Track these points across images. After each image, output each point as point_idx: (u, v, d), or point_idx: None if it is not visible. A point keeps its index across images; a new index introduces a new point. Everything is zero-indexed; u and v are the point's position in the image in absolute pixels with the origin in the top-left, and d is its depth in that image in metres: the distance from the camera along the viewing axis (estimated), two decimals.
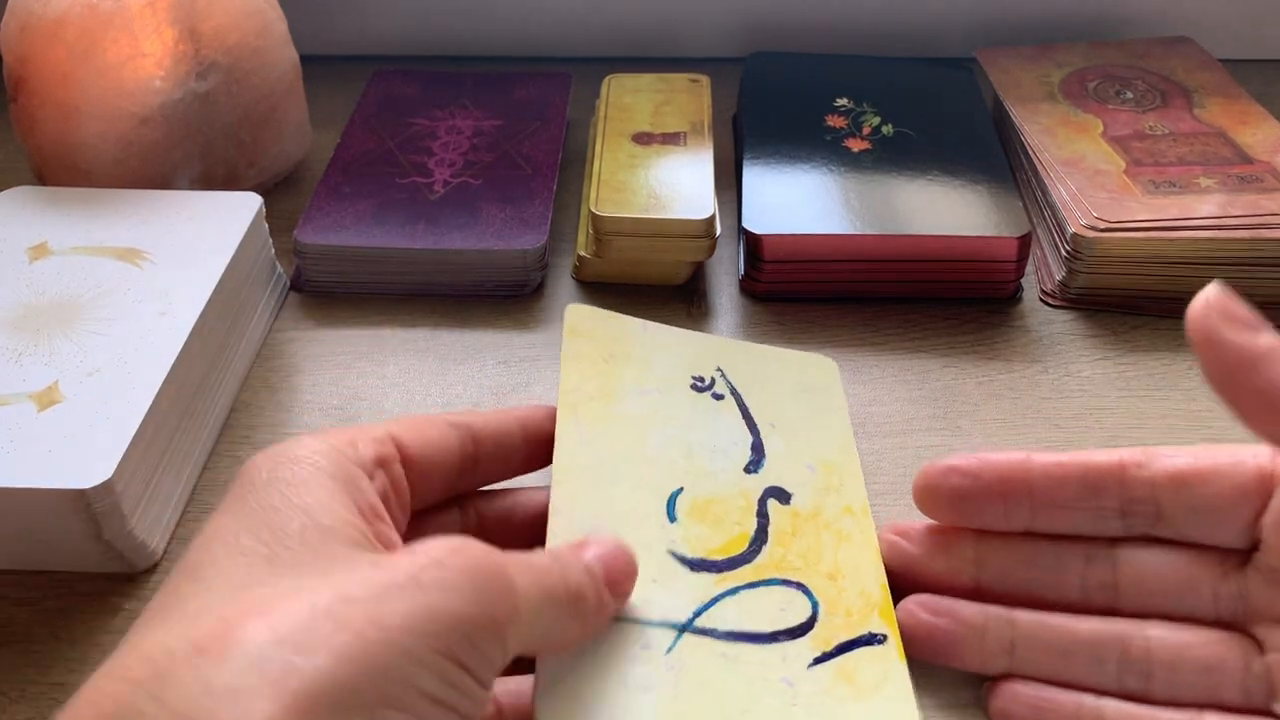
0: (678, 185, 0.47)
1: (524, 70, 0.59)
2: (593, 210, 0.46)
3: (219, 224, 0.43)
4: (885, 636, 0.29)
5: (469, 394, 0.42)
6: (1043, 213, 0.48)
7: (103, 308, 0.39)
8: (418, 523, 0.29)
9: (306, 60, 0.53)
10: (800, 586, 0.30)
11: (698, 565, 0.29)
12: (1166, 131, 0.50)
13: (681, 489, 0.31)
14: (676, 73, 0.55)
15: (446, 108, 0.55)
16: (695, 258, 0.46)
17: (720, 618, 0.28)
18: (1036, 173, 0.49)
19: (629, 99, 0.53)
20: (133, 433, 0.33)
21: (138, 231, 0.42)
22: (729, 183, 0.52)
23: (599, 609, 0.26)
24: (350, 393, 0.42)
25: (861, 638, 0.29)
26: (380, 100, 0.56)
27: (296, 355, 0.44)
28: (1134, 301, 0.45)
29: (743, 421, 0.34)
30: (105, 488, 0.32)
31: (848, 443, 0.35)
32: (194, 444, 0.38)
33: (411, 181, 0.49)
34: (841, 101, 0.53)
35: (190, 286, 0.40)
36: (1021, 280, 0.47)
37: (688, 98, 0.53)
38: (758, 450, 0.33)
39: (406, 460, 0.27)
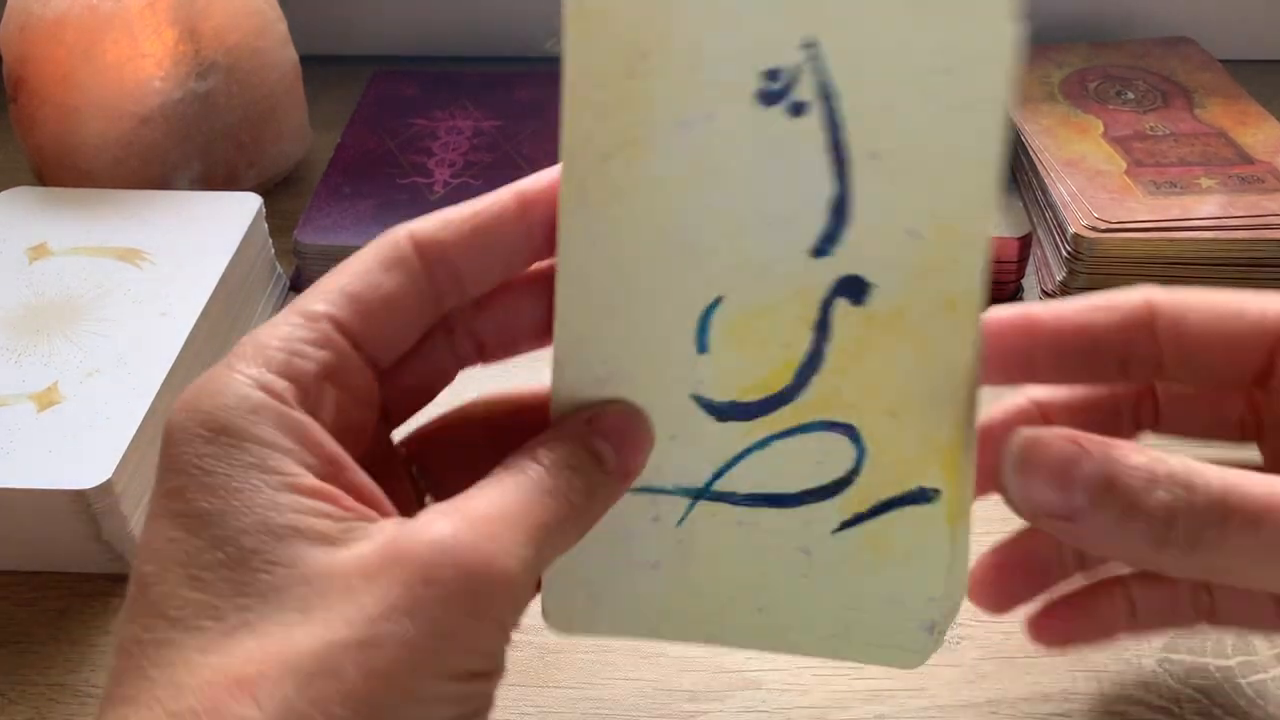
0: None
1: (524, 70, 0.59)
2: None
3: (219, 224, 0.43)
4: (936, 493, 0.23)
5: (468, 394, 0.42)
6: (1043, 213, 0.48)
7: (103, 308, 0.39)
8: (398, 374, 0.24)
9: (306, 60, 0.53)
10: (848, 430, 0.23)
11: (726, 412, 0.23)
12: (1167, 132, 0.50)
13: (720, 299, 0.23)
14: None
15: (446, 108, 0.55)
16: None
17: (743, 477, 0.24)
18: (1037, 173, 0.49)
19: None
20: (132, 433, 0.33)
21: (138, 232, 0.42)
22: None
23: (609, 499, 0.23)
24: None
25: (907, 494, 0.23)
26: (380, 100, 0.56)
27: None
28: None
29: (826, 156, 0.22)
30: (105, 488, 0.32)
31: (985, 184, 0.22)
32: None
33: (411, 182, 0.49)
34: None
35: (190, 287, 0.39)
36: (1022, 281, 0.47)
37: None
38: (838, 213, 0.22)
39: (358, 341, 0.22)
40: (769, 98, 0.22)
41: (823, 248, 0.22)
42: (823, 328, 0.23)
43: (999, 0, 0.21)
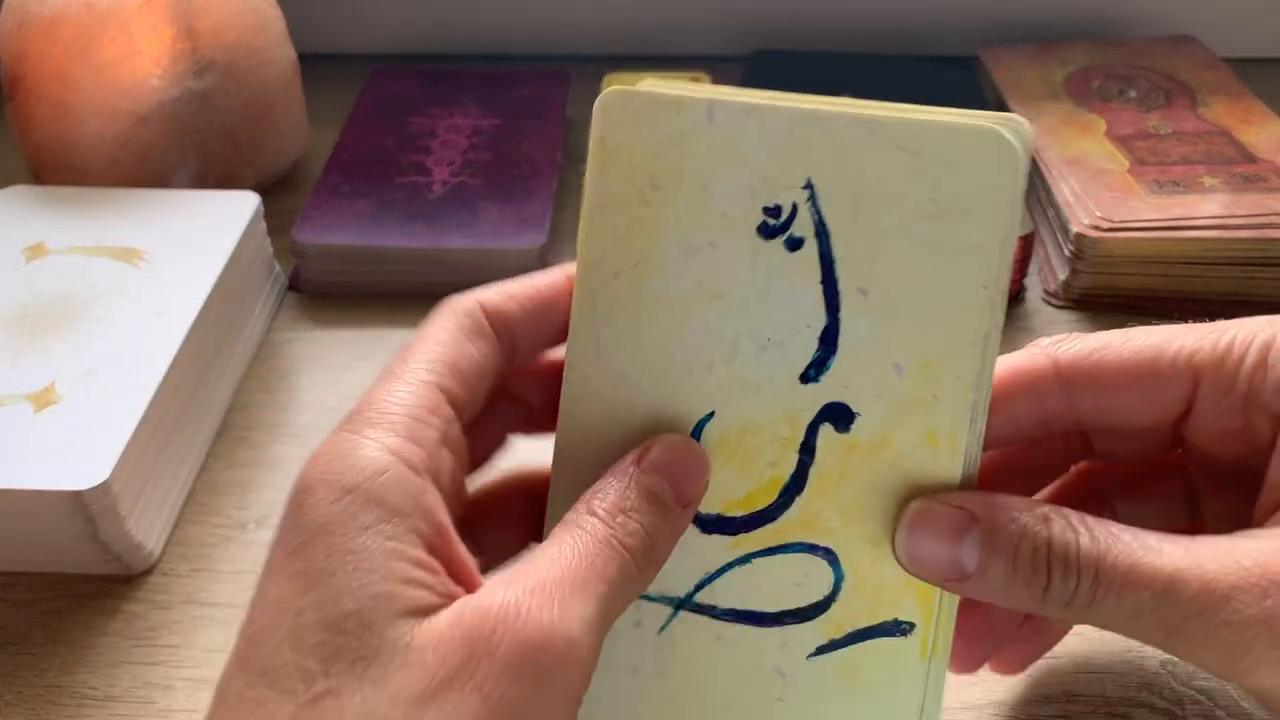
0: None
1: (523, 69, 0.59)
2: None
3: (217, 223, 0.43)
4: (911, 626, 0.24)
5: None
6: (1045, 212, 0.48)
7: (100, 308, 0.38)
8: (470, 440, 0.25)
9: (305, 59, 0.53)
10: (827, 554, 0.24)
11: (712, 525, 0.24)
12: (1170, 131, 0.50)
13: (712, 414, 0.24)
14: (677, 71, 0.55)
15: (445, 107, 0.55)
16: None
17: (724, 591, 0.24)
18: (1039, 172, 0.49)
19: None
20: (130, 434, 0.33)
21: (135, 231, 0.42)
22: None
23: (673, 534, 0.23)
24: (348, 393, 0.42)
25: (881, 625, 0.24)
26: (379, 99, 0.55)
27: (294, 355, 0.44)
28: (1138, 302, 0.45)
29: (819, 287, 0.24)
30: (102, 489, 0.32)
31: (972, 327, 0.23)
32: (191, 445, 0.38)
33: (410, 181, 0.49)
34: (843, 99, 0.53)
35: (188, 286, 0.39)
36: (1025, 280, 0.46)
37: None
38: (828, 342, 0.24)
39: (459, 409, 0.23)
40: (769, 231, 0.24)
41: (811, 374, 0.24)
42: (808, 450, 0.24)
43: (990, 155, 0.22)
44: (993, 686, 0.31)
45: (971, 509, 0.23)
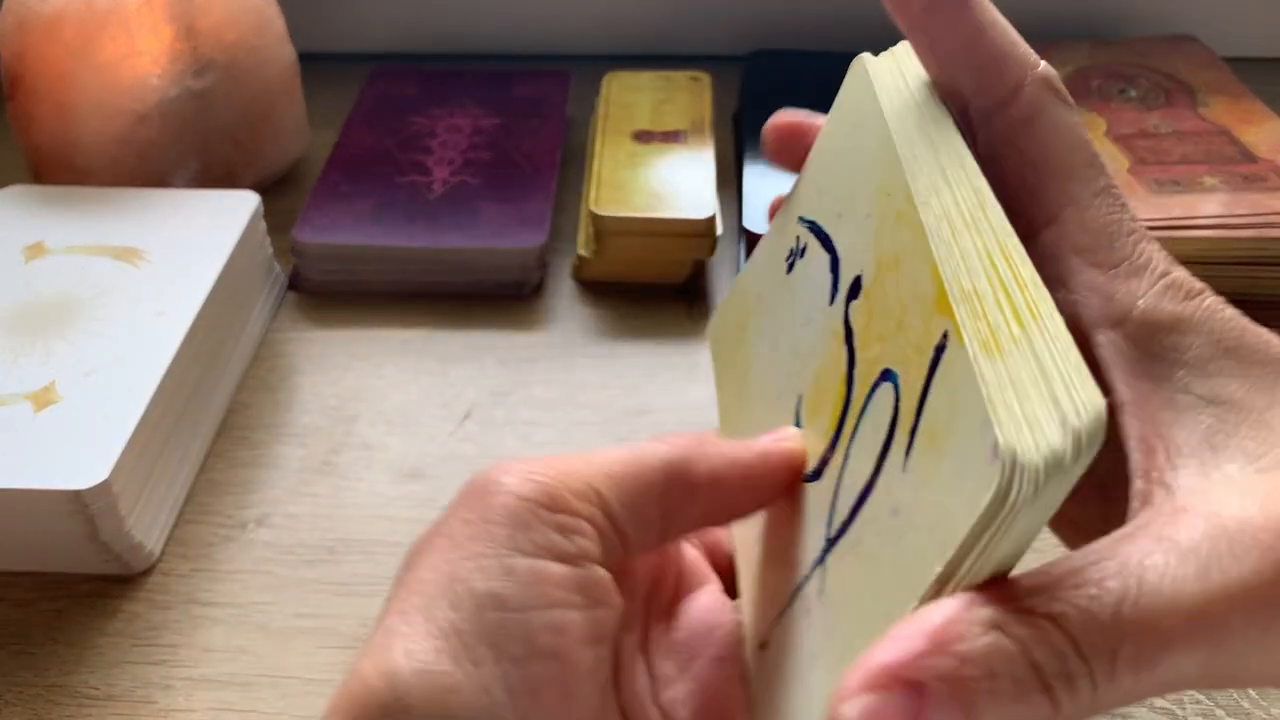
0: (678, 184, 0.47)
1: (523, 69, 0.59)
2: (592, 209, 0.45)
3: (216, 223, 0.43)
4: (945, 336, 0.21)
5: (468, 394, 0.42)
6: None
7: (100, 307, 0.38)
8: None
9: (305, 58, 0.53)
10: (883, 375, 0.23)
11: (819, 469, 0.24)
12: (1170, 130, 0.50)
13: (800, 396, 0.26)
14: (677, 70, 0.55)
15: (445, 106, 0.55)
16: (696, 256, 0.46)
17: (845, 499, 0.23)
18: None
19: (629, 97, 0.53)
20: (129, 433, 0.33)
21: (135, 230, 0.42)
22: (730, 181, 0.52)
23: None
24: (348, 393, 0.42)
25: (931, 364, 0.22)
26: (379, 99, 0.55)
27: (294, 355, 0.44)
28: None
29: (822, 249, 0.28)
30: (102, 489, 0.32)
31: (895, 130, 0.25)
32: (191, 444, 0.38)
33: (410, 180, 0.49)
34: None
35: (187, 286, 0.39)
36: None
37: (688, 96, 0.53)
38: (834, 266, 0.27)
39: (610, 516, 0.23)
40: (791, 265, 0.29)
41: (832, 296, 0.26)
42: (849, 334, 0.25)
43: (856, 73, 0.27)
44: None
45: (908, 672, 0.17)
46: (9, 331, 0.37)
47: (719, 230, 0.46)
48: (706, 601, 0.26)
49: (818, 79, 0.55)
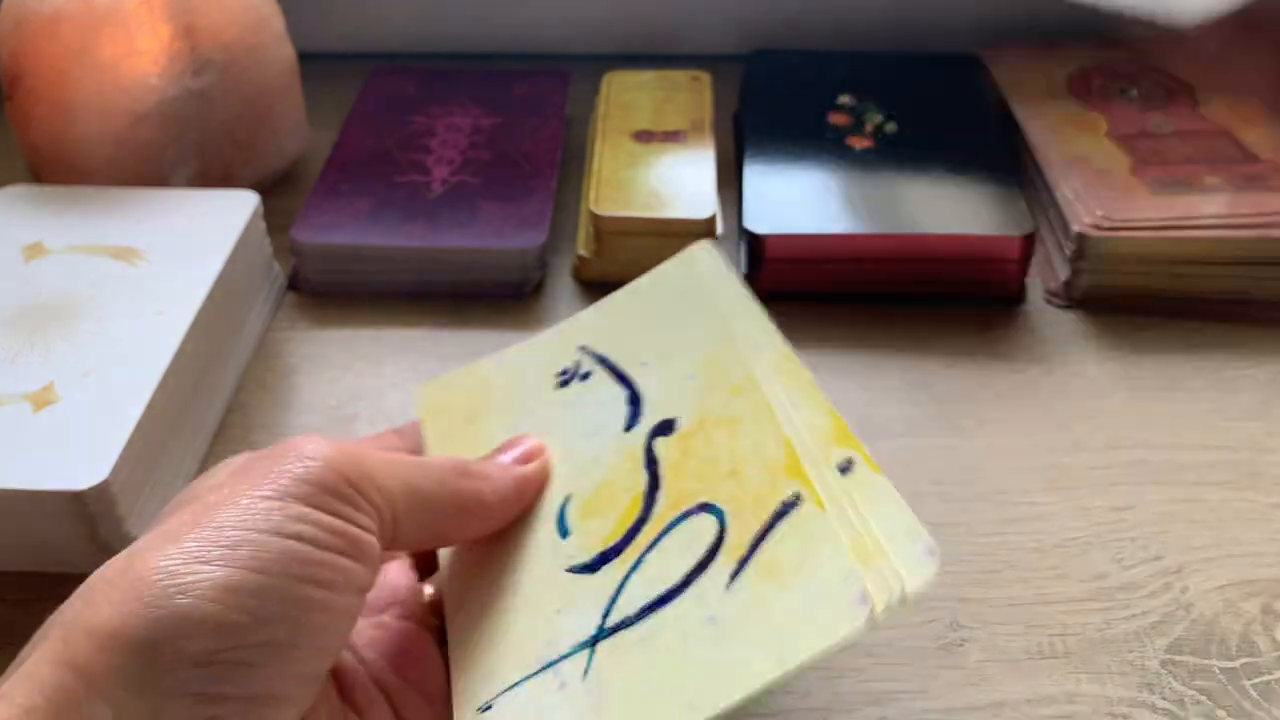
0: (679, 183, 0.47)
1: (522, 68, 0.59)
2: (593, 209, 0.45)
3: (215, 222, 0.43)
4: (797, 495, 0.25)
5: None
6: (1047, 212, 0.48)
7: (99, 307, 0.38)
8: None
9: (304, 58, 0.52)
10: (702, 507, 0.27)
11: (598, 563, 0.27)
12: (1172, 130, 0.50)
13: (569, 497, 0.29)
14: (677, 70, 0.55)
15: (445, 106, 0.55)
16: None
17: (631, 599, 0.26)
18: (1041, 171, 0.49)
19: (629, 96, 0.53)
20: (129, 434, 0.33)
21: (134, 230, 0.42)
22: (730, 181, 0.52)
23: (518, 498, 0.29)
24: (348, 393, 0.42)
25: (775, 514, 0.25)
26: (378, 98, 0.55)
27: (293, 355, 0.44)
28: (1140, 301, 0.45)
29: (615, 382, 0.31)
30: (101, 489, 0.32)
31: (730, 319, 0.31)
32: (190, 445, 0.38)
33: (410, 180, 0.49)
34: (844, 99, 0.53)
35: (187, 286, 0.39)
36: (1026, 280, 0.46)
37: (689, 95, 0.53)
38: (634, 401, 0.30)
39: None
40: (565, 382, 0.32)
41: (630, 424, 0.30)
42: (651, 462, 0.29)
43: (694, 259, 0.34)
44: (995, 687, 0.31)
45: None
46: (8, 331, 0.37)
47: (719, 230, 0.46)
48: (395, 567, 0.31)
49: (818, 79, 0.55)
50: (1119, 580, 0.34)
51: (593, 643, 0.25)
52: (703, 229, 0.45)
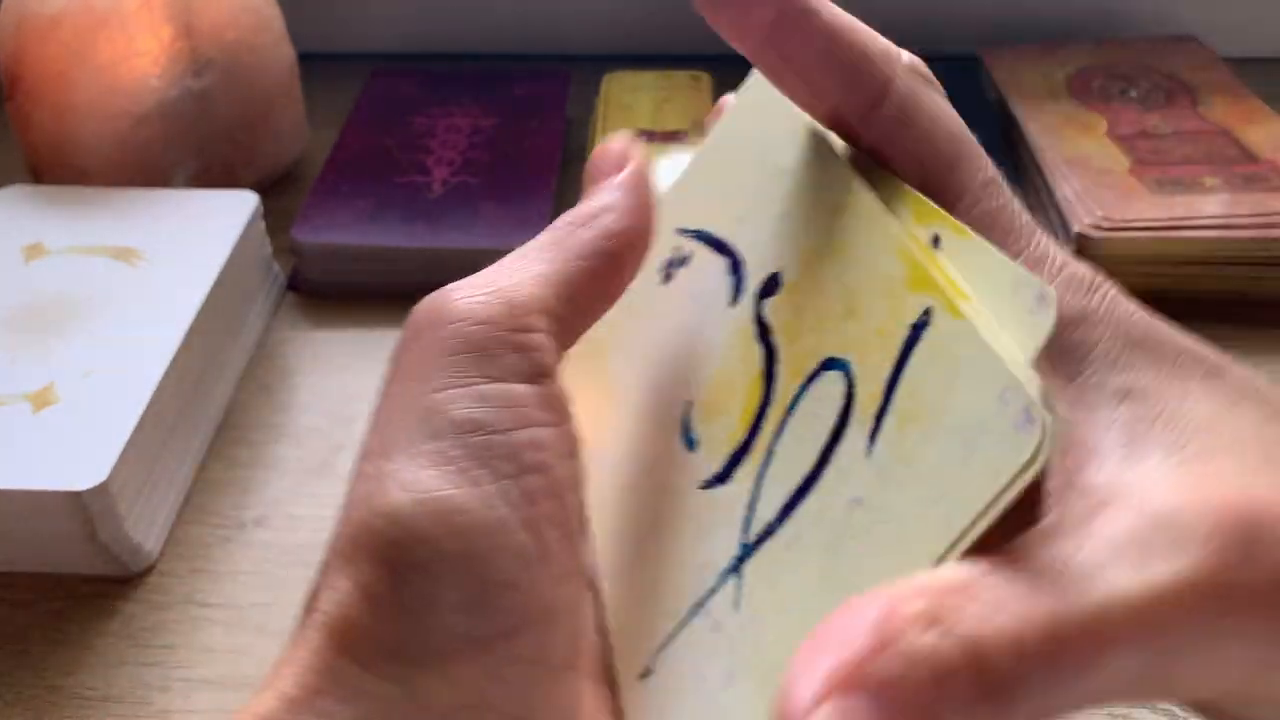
0: None
1: (523, 68, 0.59)
2: None
3: (215, 223, 0.43)
4: (928, 311, 0.20)
5: None
6: (1046, 212, 0.48)
7: (99, 307, 0.38)
8: None
9: (304, 58, 0.52)
10: (825, 365, 0.22)
11: (729, 469, 0.23)
12: (1171, 130, 0.50)
13: (690, 402, 0.25)
14: (677, 70, 0.55)
15: (445, 106, 0.55)
16: None
17: (769, 502, 0.22)
18: (1040, 172, 0.49)
19: (629, 97, 0.53)
20: (129, 434, 0.33)
21: (134, 231, 0.42)
22: None
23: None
24: (348, 393, 0.42)
25: (904, 345, 0.20)
26: (378, 98, 0.55)
27: (293, 355, 0.44)
28: (1140, 302, 0.45)
29: (714, 254, 0.26)
30: (101, 489, 0.32)
31: (805, 136, 0.25)
32: (190, 445, 0.38)
33: (410, 180, 0.49)
34: None
35: (186, 286, 0.39)
36: None
37: (689, 95, 0.53)
38: (735, 268, 0.26)
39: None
40: (669, 275, 0.27)
41: (735, 296, 0.25)
42: (763, 332, 0.24)
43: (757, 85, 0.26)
44: None
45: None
46: (8, 331, 0.37)
47: None
48: None
49: None
50: None
51: (738, 565, 0.22)
52: None
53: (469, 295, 0.22)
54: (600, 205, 0.25)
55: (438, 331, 0.21)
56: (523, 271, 0.23)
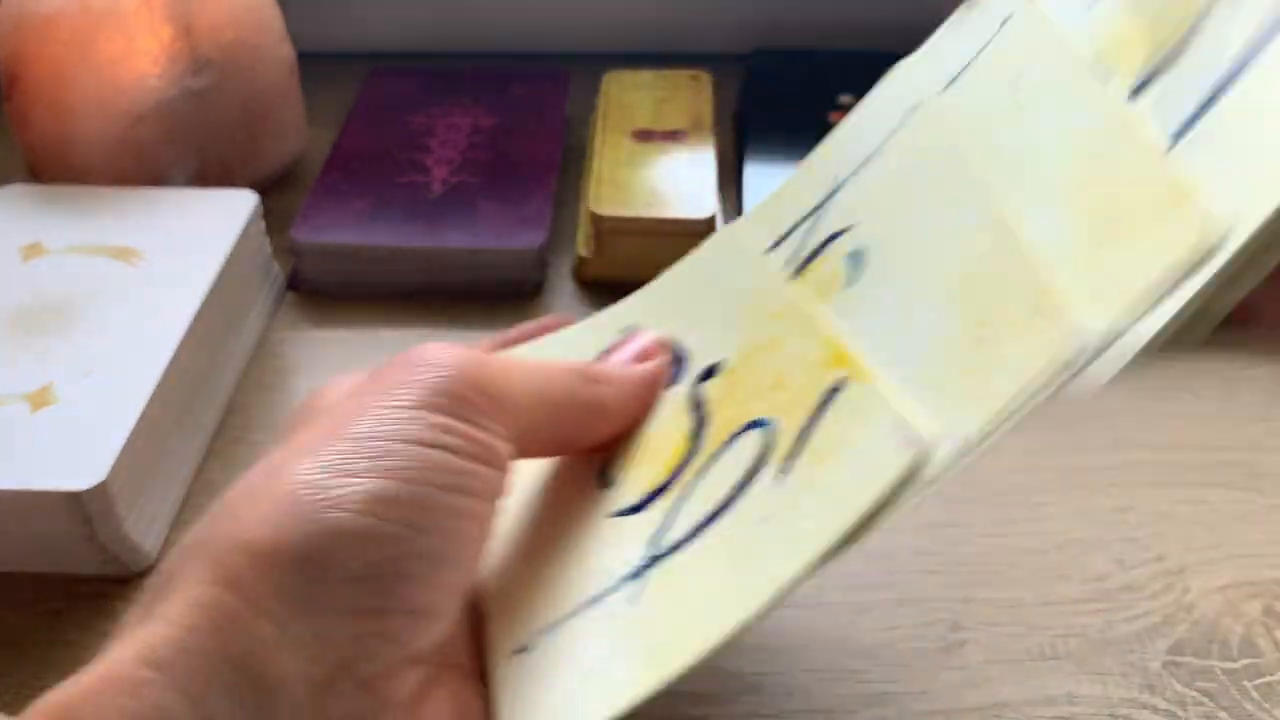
0: (679, 183, 0.47)
1: (522, 68, 0.59)
2: (592, 209, 0.45)
3: (214, 222, 0.42)
4: (843, 379, 0.25)
5: None
6: None
7: (97, 307, 0.38)
8: None
9: (304, 58, 0.52)
10: (750, 426, 0.26)
11: (644, 503, 0.27)
12: None
13: (613, 454, 0.29)
14: (677, 70, 0.55)
15: (444, 106, 0.55)
16: None
17: (680, 526, 0.25)
18: None
19: (629, 96, 0.53)
20: (127, 434, 0.33)
21: (132, 230, 0.42)
22: (730, 181, 0.51)
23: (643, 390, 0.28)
24: None
25: (820, 403, 0.25)
26: (378, 98, 0.55)
27: (293, 356, 0.44)
28: None
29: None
30: (100, 490, 0.32)
31: (761, 263, 0.31)
32: (189, 445, 0.38)
33: (409, 180, 0.49)
34: (845, 99, 0.53)
35: (185, 286, 0.39)
36: None
37: (689, 94, 0.53)
38: (677, 361, 0.30)
39: None
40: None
41: (674, 380, 0.29)
42: (697, 406, 0.28)
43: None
44: (996, 688, 0.31)
45: None
46: (6, 331, 0.37)
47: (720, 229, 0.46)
48: None
49: (820, 78, 0.55)
50: (1120, 581, 0.34)
51: (642, 571, 0.25)
52: (703, 228, 0.45)
53: (462, 353, 0.24)
54: (609, 376, 0.28)
55: (422, 369, 0.24)
56: (514, 372, 0.26)
